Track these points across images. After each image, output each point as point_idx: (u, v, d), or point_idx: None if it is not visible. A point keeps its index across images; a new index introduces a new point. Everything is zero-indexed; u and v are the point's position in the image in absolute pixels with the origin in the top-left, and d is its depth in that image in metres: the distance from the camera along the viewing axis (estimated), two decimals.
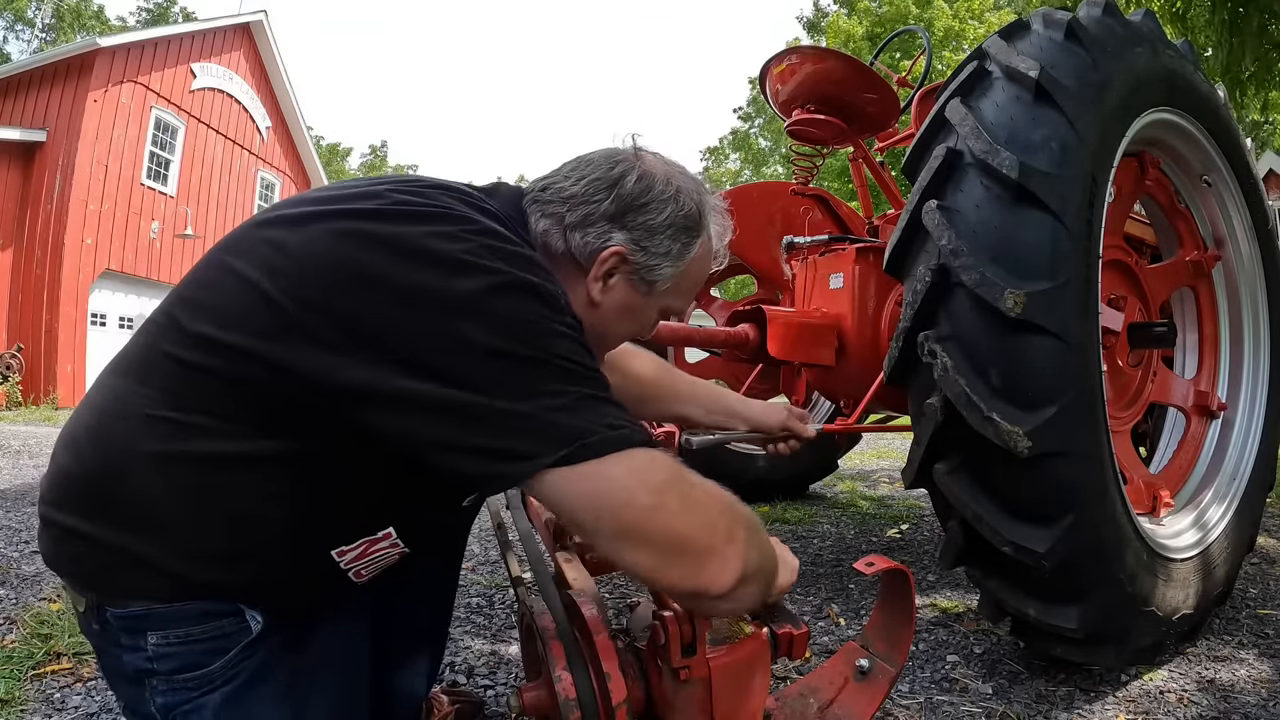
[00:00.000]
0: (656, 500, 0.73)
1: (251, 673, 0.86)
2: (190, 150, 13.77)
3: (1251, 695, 1.56)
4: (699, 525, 0.75)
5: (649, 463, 0.75)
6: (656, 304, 1.02)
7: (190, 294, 0.84)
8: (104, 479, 0.81)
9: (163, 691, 0.84)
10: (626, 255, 0.94)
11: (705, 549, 0.74)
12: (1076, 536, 1.39)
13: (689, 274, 1.01)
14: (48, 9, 27.15)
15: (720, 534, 0.76)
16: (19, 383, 10.69)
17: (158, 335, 0.83)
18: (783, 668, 1.67)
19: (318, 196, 0.87)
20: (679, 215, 0.96)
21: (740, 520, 0.79)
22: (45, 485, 0.87)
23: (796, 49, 2.72)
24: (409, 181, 0.88)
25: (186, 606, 0.83)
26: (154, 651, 0.83)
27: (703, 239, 1.01)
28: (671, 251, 0.96)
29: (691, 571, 0.74)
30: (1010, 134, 1.46)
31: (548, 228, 0.94)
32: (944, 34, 18.56)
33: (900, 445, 6.65)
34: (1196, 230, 2.19)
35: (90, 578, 0.85)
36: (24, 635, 1.80)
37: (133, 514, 0.80)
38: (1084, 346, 1.41)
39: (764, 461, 3.61)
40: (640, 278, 0.96)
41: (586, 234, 0.93)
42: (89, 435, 0.84)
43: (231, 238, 0.86)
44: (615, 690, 0.82)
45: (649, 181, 0.95)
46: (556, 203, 0.95)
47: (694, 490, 0.77)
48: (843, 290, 2.31)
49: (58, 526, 0.84)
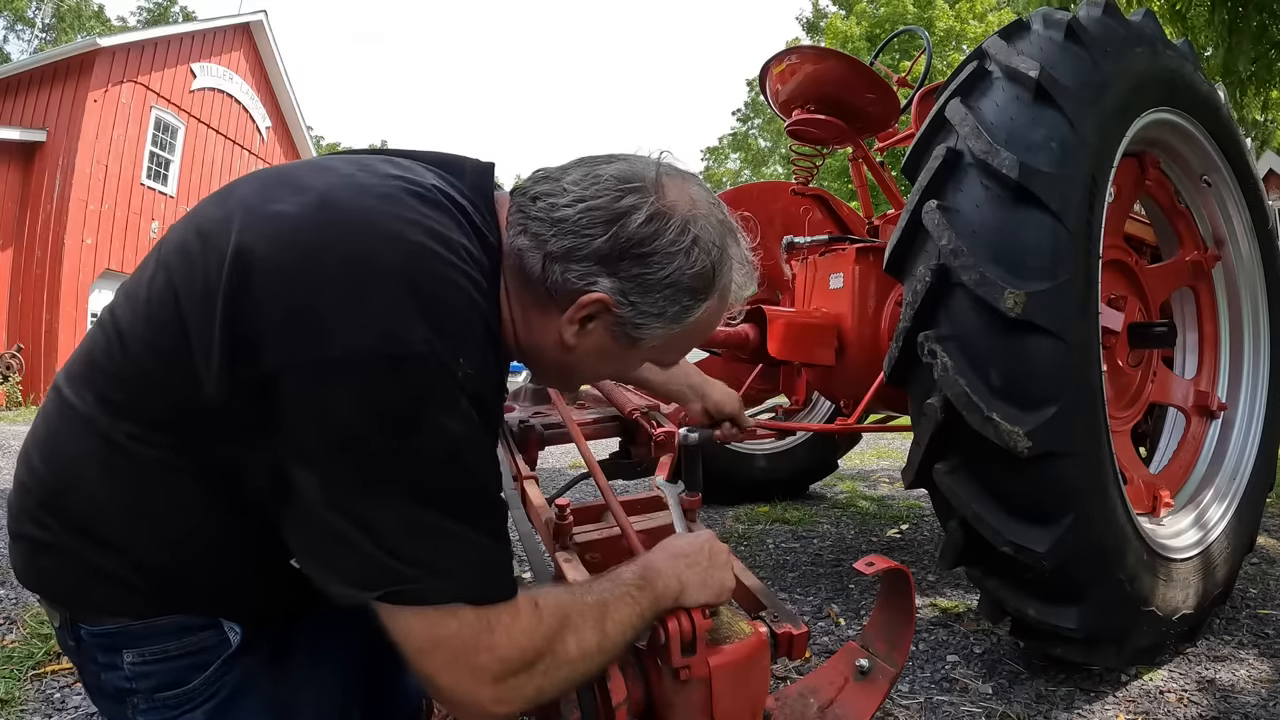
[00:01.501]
0: (437, 661, 0.70)
1: (234, 687, 0.84)
2: (190, 150, 13.77)
3: (1251, 695, 1.56)
4: (469, 692, 0.71)
5: (456, 630, 0.70)
6: (641, 356, 0.89)
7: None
8: (56, 490, 0.79)
9: (145, 710, 0.82)
10: (610, 305, 0.79)
11: (471, 706, 0.72)
12: (1076, 536, 1.39)
13: (687, 335, 0.87)
14: (48, 9, 27.15)
15: (488, 698, 0.72)
16: (19, 383, 10.69)
17: (97, 338, 0.80)
18: (783, 668, 1.67)
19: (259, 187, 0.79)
20: (685, 274, 0.80)
21: (525, 681, 0.74)
22: (10, 500, 0.84)
23: (796, 49, 2.72)
24: (352, 160, 0.81)
25: (160, 622, 0.80)
26: (131, 670, 0.81)
27: (711, 301, 0.84)
28: (667, 313, 0.82)
29: (451, 707, 0.74)
30: (1010, 134, 1.46)
31: (525, 247, 0.79)
32: (944, 34, 18.56)
33: (900, 445, 6.65)
34: (1196, 230, 2.19)
35: (60, 593, 0.82)
36: (24, 635, 1.80)
37: (86, 525, 0.78)
38: (1084, 346, 1.42)
39: (764, 461, 3.62)
40: (623, 331, 0.82)
41: (568, 271, 0.78)
42: (38, 446, 0.81)
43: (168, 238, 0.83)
44: (615, 690, 0.82)
45: (659, 225, 0.78)
46: (544, 221, 0.79)
47: (485, 658, 0.71)
48: (843, 290, 2.31)
49: (24, 540, 0.81)
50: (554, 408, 1.71)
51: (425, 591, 0.69)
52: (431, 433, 0.68)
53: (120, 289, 0.83)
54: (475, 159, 0.90)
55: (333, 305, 0.66)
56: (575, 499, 1.24)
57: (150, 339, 0.74)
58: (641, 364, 0.94)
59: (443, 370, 0.69)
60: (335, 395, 0.66)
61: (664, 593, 0.85)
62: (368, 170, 0.78)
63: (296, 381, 0.66)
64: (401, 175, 0.78)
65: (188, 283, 0.72)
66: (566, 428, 1.46)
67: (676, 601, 0.86)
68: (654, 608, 0.84)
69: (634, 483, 3.42)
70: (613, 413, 1.77)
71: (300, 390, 0.66)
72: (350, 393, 0.66)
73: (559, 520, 1.10)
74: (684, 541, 0.93)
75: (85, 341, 0.83)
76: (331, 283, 0.67)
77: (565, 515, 1.10)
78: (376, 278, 0.68)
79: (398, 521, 0.68)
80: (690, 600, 0.86)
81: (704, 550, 0.92)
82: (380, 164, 0.81)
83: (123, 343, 0.76)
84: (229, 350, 0.68)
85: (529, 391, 2.05)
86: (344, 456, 0.66)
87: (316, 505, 0.67)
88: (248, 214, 0.73)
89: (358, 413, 0.66)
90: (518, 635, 0.73)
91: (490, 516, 0.76)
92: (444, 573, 0.69)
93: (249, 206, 0.75)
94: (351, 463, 0.67)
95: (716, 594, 0.89)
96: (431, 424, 0.68)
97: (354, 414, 0.66)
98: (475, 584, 0.71)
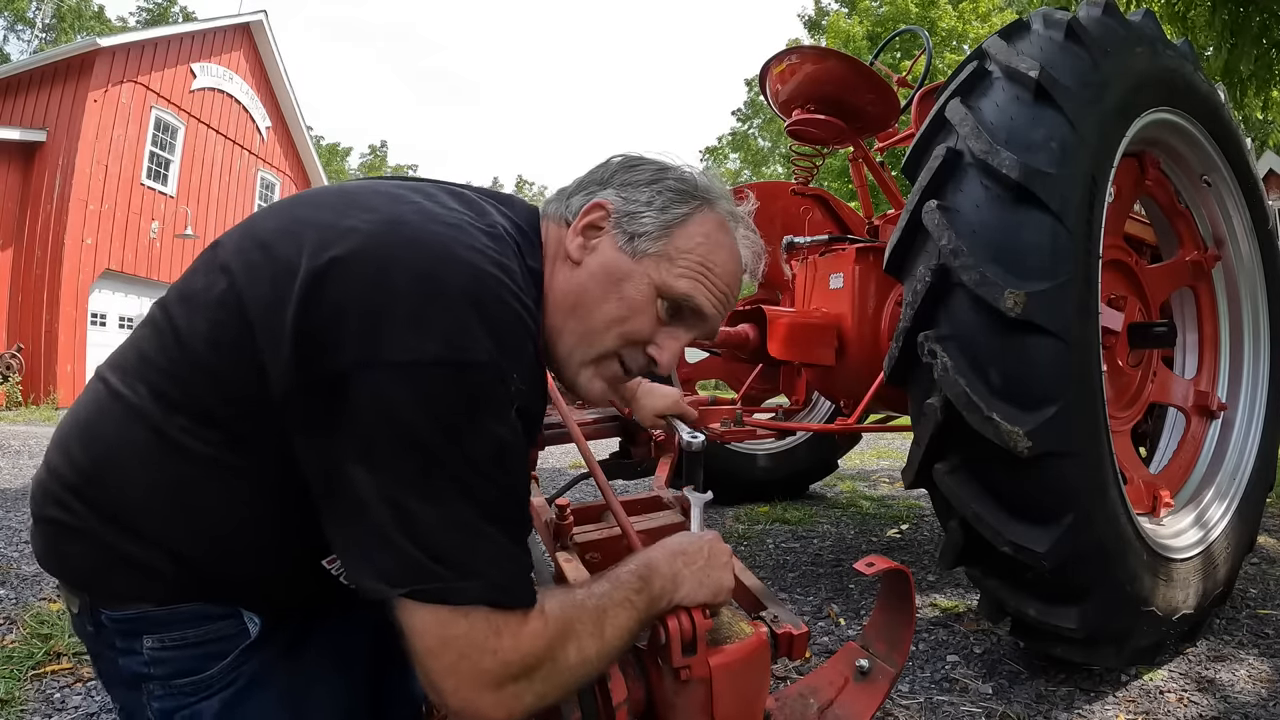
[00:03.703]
0: (444, 661, 0.71)
1: (249, 678, 0.85)
2: (190, 150, 13.78)
3: (1251, 695, 1.56)
4: (470, 697, 0.72)
5: (465, 630, 0.71)
6: (645, 273, 0.89)
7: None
8: (93, 477, 0.81)
9: (160, 696, 0.83)
10: (608, 206, 0.91)
11: (470, 711, 0.73)
12: (1076, 536, 1.39)
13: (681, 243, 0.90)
14: (48, 9, 27.16)
15: (488, 704, 0.72)
16: (19, 383, 10.69)
17: (147, 334, 0.84)
18: (783, 668, 1.67)
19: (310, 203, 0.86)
20: (669, 177, 0.93)
21: (525, 688, 0.74)
22: (36, 484, 0.87)
23: (796, 49, 2.72)
24: (416, 189, 0.86)
25: (182, 609, 0.82)
26: (150, 655, 0.82)
27: (702, 215, 0.92)
28: (655, 203, 0.91)
29: (450, 710, 0.74)
30: (1010, 134, 1.46)
31: (553, 211, 0.95)
32: (946, 34, 18.56)
33: (900, 445, 6.65)
34: (1196, 230, 2.19)
35: (83, 577, 0.84)
36: (24, 635, 1.80)
37: (120, 512, 0.80)
38: (1084, 346, 1.41)
39: (765, 461, 3.62)
40: (622, 229, 0.90)
41: (576, 198, 0.94)
42: (79, 433, 0.84)
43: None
44: (615, 690, 0.82)
45: (647, 156, 0.96)
46: (560, 195, 0.97)
47: (489, 661, 0.72)
48: (843, 290, 2.32)
49: (50, 524, 0.84)
50: (554, 408, 1.71)
51: (451, 591, 0.70)
52: (484, 437, 0.72)
53: (173, 290, 0.86)
54: (524, 199, 1.00)
55: (404, 314, 0.71)
56: (575, 499, 1.24)
57: (213, 337, 0.78)
58: (650, 290, 0.90)
59: (500, 381, 0.74)
60: (401, 395, 0.69)
61: (661, 592, 0.86)
62: (433, 200, 0.84)
63: (365, 380, 0.70)
64: (465, 208, 0.84)
65: (253, 286, 0.76)
66: (566, 428, 1.46)
67: (673, 600, 0.86)
68: (651, 608, 0.85)
69: (634, 483, 3.42)
70: (613, 413, 1.77)
71: (368, 388, 0.70)
72: (415, 393, 0.70)
73: (559, 520, 1.10)
74: (685, 540, 0.93)
75: (132, 338, 0.87)
76: (404, 295, 0.71)
77: (565, 515, 1.10)
78: (446, 295, 0.72)
79: (441, 520, 0.71)
80: (687, 599, 0.87)
81: (704, 550, 0.92)
82: (442, 194, 0.86)
83: (179, 340, 0.80)
84: (300, 347, 0.72)
85: None
86: (403, 453, 0.70)
87: (367, 501, 0.70)
88: (315, 226, 0.78)
89: (420, 413, 0.70)
90: (524, 641, 0.74)
91: (521, 526, 0.80)
92: (475, 573, 0.71)
93: (319, 220, 0.79)
94: (408, 460, 0.70)
95: (714, 594, 0.89)
96: (485, 429, 0.72)
97: (417, 413, 0.70)
98: (501, 588, 0.73)
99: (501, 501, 0.75)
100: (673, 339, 0.93)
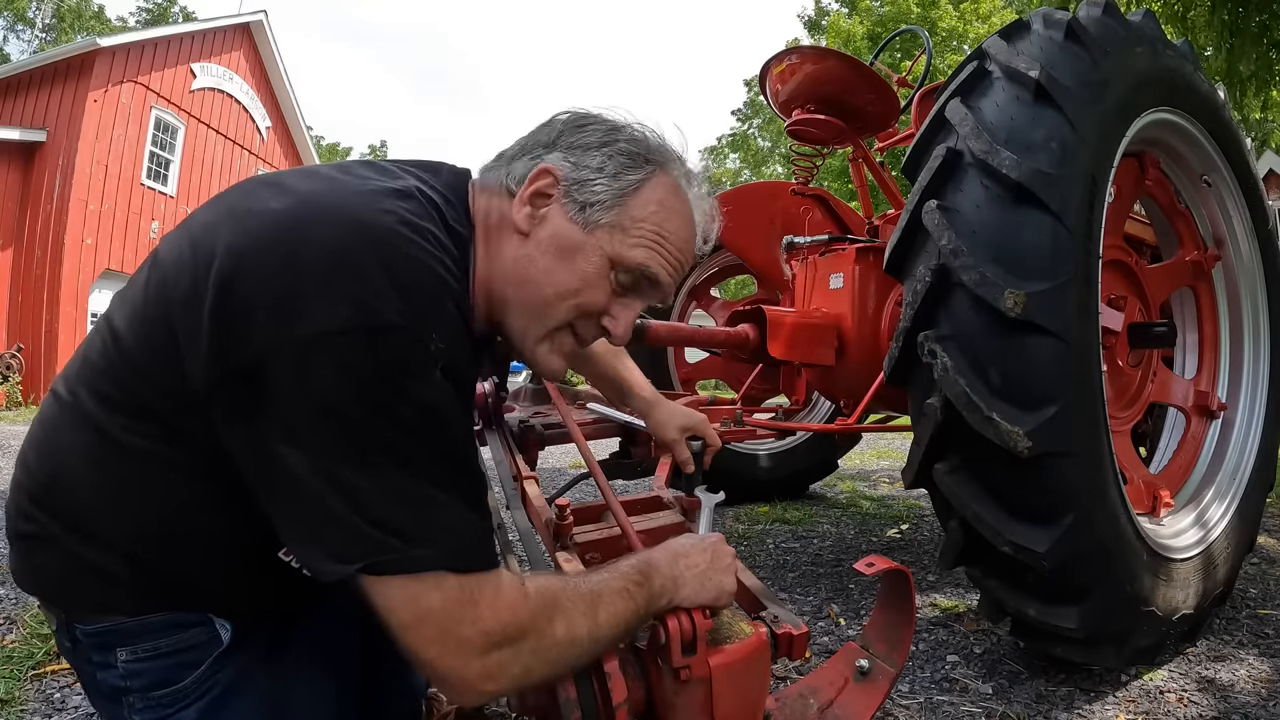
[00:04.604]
0: (423, 635, 0.71)
1: (226, 686, 0.85)
2: (190, 150, 13.77)
3: (1251, 695, 1.56)
4: (454, 666, 0.72)
5: (440, 602, 0.71)
6: (599, 245, 0.86)
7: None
8: (49, 485, 0.81)
9: (140, 709, 0.83)
10: (556, 173, 0.86)
11: (457, 681, 0.73)
12: (1076, 536, 1.39)
13: (635, 212, 0.87)
14: (48, 9, 27.16)
15: (474, 673, 0.73)
16: (19, 383, 10.69)
17: (94, 340, 0.84)
18: (783, 668, 1.67)
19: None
20: (619, 140, 0.88)
21: (511, 658, 0.74)
22: (8, 504, 0.86)
23: (796, 49, 2.72)
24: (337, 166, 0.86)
25: (152, 619, 0.82)
26: (125, 669, 0.82)
27: (656, 179, 0.88)
28: (606, 169, 0.86)
29: (439, 683, 0.76)
30: (1010, 134, 1.46)
31: (490, 181, 0.91)
32: (947, 34, 18.56)
33: (900, 445, 6.65)
34: (1196, 230, 2.19)
35: (55, 591, 0.84)
36: (24, 635, 1.80)
37: (80, 519, 0.80)
38: (1084, 346, 1.41)
39: (765, 461, 3.62)
40: (572, 198, 0.85)
41: (518, 161, 0.89)
42: (34, 445, 0.84)
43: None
44: (615, 690, 0.82)
45: (595, 114, 0.91)
46: (499, 159, 0.93)
47: (469, 630, 0.72)
48: (843, 290, 2.31)
49: (22, 539, 0.84)
50: (554, 408, 1.71)
51: (406, 561, 0.70)
52: (408, 400, 0.70)
53: (117, 294, 0.86)
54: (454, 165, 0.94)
55: (313, 288, 0.69)
56: (575, 499, 1.24)
57: (144, 335, 0.78)
58: (604, 262, 0.87)
59: (416, 341, 0.71)
60: (316, 367, 0.68)
61: (661, 590, 0.85)
62: (349, 173, 0.84)
63: (279, 360, 0.68)
64: (379, 175, 0.83)
65: (176, 282, 0.76)
66: (566, 428, 1.46)
67: (674, 601, 0.86)
68: (650, 604, 0.84)
69: (634, 483, 3.42)
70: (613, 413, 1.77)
71: (283, 368, 0.68)
72: (329, 363, 0.68)
73: (559, 520, 1.10)
74: (689, 541, 0.93)
75: (82, 346, 0.86)
76: (310, 270, 0.70)
77: (565, 515, 1.10)
78: (352, 261, 0.71)
79: (379, 488, 0.69)
80: (687, 600, 0.86)
81: (707, 552, 0.92)
82: (360, 168, 0.86)
83: (117, 341, 0.80)
84: (216, 343, 0.71)
85: (529, 391, 2.05)
86: (326, 425, 0.68)
87: (301, 479, 0.69)
88: (233, 216, 0.77)
89: (338, 382, 0.68)
90: (501, 609, 0.73)
91: (469, 483, 0.77)
92: (425, 539, 0.70)
93: (234, 209, 0.79)
94: (333, 431, 0.68)
95: (715, 596, 0.89)
96: (408, 392, 0.70)
97: (334, 384, 0.68)
98: (456, 551, 0.72)
99: (440, 464, 0.73)
100: (627, 309, 0.91)
